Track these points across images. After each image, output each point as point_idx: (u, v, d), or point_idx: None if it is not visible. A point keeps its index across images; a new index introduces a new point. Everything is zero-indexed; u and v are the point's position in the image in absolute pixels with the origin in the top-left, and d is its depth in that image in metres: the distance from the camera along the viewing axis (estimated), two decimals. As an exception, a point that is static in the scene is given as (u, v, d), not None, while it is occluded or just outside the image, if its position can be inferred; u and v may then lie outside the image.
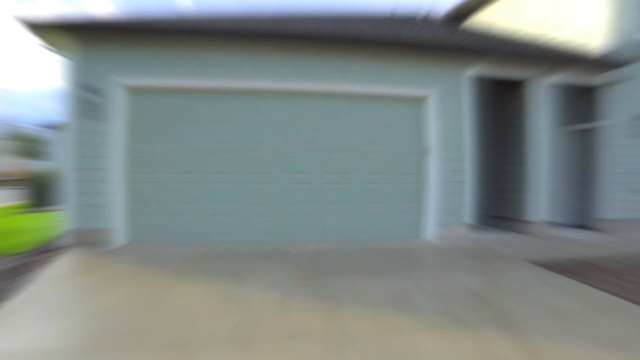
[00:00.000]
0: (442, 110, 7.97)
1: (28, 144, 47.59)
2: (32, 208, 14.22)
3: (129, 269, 5.83)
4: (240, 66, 7.23)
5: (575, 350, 3.43)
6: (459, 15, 13.48)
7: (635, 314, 4.25)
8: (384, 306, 4.49)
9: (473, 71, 8.14)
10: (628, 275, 5.80)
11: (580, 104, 9.38)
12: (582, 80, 8.78)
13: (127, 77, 6.80)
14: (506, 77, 8.52)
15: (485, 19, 12.55)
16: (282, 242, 7.36)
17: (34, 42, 6.74)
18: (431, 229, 7.96)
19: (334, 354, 3.30)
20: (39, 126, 40.55)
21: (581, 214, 9.52)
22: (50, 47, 6.91)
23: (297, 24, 8.25)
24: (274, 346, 3.44)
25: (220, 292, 4.92)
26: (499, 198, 9.62)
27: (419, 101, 8.00)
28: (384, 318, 4.12)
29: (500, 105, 9.59)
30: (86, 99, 6.59)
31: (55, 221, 10.73)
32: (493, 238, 8.30)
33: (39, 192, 14.58)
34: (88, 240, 6.64)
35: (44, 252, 6.90)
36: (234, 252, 6.75)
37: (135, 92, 6.97)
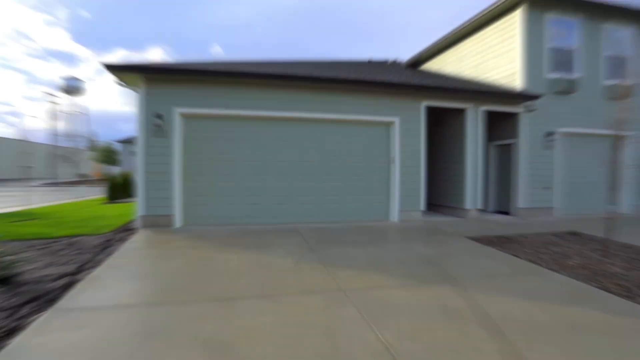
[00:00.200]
0: (404, 131, 8.08)
1: (104, 154, 47.31)
2: (110, 201, 14.15)
3: (185, 243, 5.72)
4: (261, 100, 7.25)
5: (499, 298, 3.47)
6: (417, 62, 13.56)
7: (545, 275, 4.25)
8: (366, 268, 4.47)
9: (426, 103, 8.26)
10: (539, 247, 5.80)
11: (504, 125, 9.41)
12: (505, 109, 8.85)
13: (182, 107, 6.82)
14: (450, 106, 8.60)
15: (435, 66, 12.58)
16: (294, 223, 7.44)
17: (113, 80, 6.76)
18: (396, 214, 8.07)
19: (334, 303, 3.29)
20: (113, 140, 40.58)
21: (502, 203, 9.58)
22: (124, 84, 6.92)
23: (301, 69, 8.27)
24: (290, 299, 3.44)
25: (251, 258, 4.87)
26: (443, 192, 9.65)
27: (388, 125, 8.11)
28: (367, 277, 4.11)
29: (445, 126, 9.60)
30: (154, 122, 6.63)
31: (128, 210, 10.64)
32: (439, 220, 8.38)
33: (115, 189, 14.49)
34: (155, 223, 6.69)
35: (122, 232, 6.88)
36: (260, 230, 6.76)
37: (188, 117, 6.99)
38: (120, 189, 14.82)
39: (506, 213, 9.29)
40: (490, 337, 2.66)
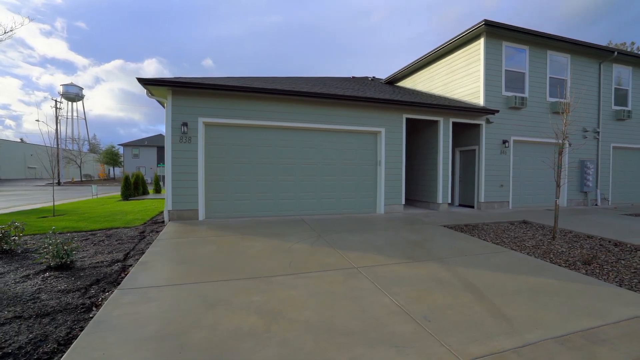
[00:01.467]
0: (388, 139, 8.45)
1: (107, 156, 45.94)
2: (124, 198, 13.88)
3: (212, 233, 5.78)
4: (271, 112, 7.41)
5: (477, 271, 3.86)
6: (394, 80, 14.01)
7: (509, 253, 4.67)
8: (368, 250, 4.75)
9: (407, 115, 8.65)
10: (500, 232, 6.31)
11: (468, 134, 9.95)
12: (470, 121, 9.35)
13: (205, 117, 6.88)
14: (426, 118, 9.02)
15: (409, 83, 13.03)
16: (299, 214, 7.67)
17: (146, 93, 6.73)
18: (382, 207, 8.44)
19: (351, 277, 3.56)
20: (115, 144, 39.68)
21: (466, 198, 10.11)
22: (153, 95, 6.93)
23: (303, 86, 8.49)
24: (315, 274, 3.67)
25: (272, 244, 5.04)
26: (419, 189, 10.06)
27: (375, 134, 8.46)
28: (371, 257, 4.39)
29: (421, 135, 10.01)
30: (180, 129, 6.67)
31: (146, 206, 10.56)
32: (417, 212, 8.78)
33: (128, 188, 14.19)
34: (181, 216, 6.74)
35: (151, 224, 6.89)
36: (271, 221, 6.92)
37: (210, 126, 7.07)
38: (132, 188, 14.57)
39: (470, 206, 9.84)
40: (476, 299, 3.04)
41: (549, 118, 10.05)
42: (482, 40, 9.22)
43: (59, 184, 31.82)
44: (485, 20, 8.81)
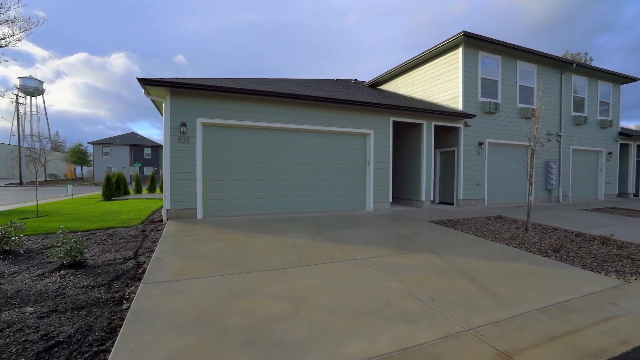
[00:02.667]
0: (377, 140, 8.89)
1: (74, 155, 43.73)
2: (106, 198, 13.43)
3: (214, 231, 5.86)
4: (266, 114, 7.56)
5: (464, 259, 4.35)
6: (376, 83, 14.50)
7: (490, 244, 5.21)
8: (367, 243, 5.10)
9: (393, 118, 9.12)
10: (480, 226, 6.90)
11: (447, 136, 10.60)
12: (450, 124, 9.98)
13: (202, 117, 6.92)
14: (410, 121, 9.54)
15: (391, 87, 13.58)
16: (294, 212, 7.89)
17: (144, 93, 6.66)
18: (371, 205, 8.86)
19: (357, 267, 3.89)
20: (83, 142, 37.88)
21: (446, 196, 10.77)
22: (150, 95, 6.83)
23: (297, 89, 8.69)
24: (324, 265, 3.96)
25: (275, 239, 5.23)
26: (404, 187, 10.59)
27: (365, 136, 8.86)
28: (370, 249, 4.75)
29: (406, 137, 10.53)
30: (179, 129, 6.68)
31: (135, 206, 10.37)
32: (403, 209, 9.28)
33: (110, 188, 13.72)
34: (179, 215, 6.77)
35: (149, 223, 6.87)
36: (269, 219, 7.09)
37: (207, 126, 7.11)
38: (114, 188, 14.10)
39: (449, 203, 10.51)
40: (469, 281, 3.49)
41: (519, 122, 10.97)
42: (460, 50, 9.90)
43: (20, 184, 29.72)
44: (464, 31, 9.48)
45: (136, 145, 46.75)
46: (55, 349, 2.21)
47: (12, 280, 3.49)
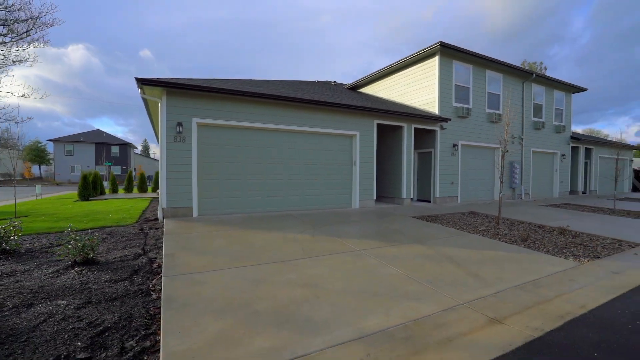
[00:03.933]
0: (362, 142, 9.34)
1: (32, 153, 40.84)
2: (82, 198, 12.89)
3: (213, 228, 5.90)
4: (258, 114, 7.72)
5: (449, 248, 4.89)
6: (356, 86, 15.00)
7: (468, 236, 5.80)
8: (361, 237, 5.50)
9: (377, 121, 9.63)
10: (457, 220, 7.53)
11: (425, 138, 11.29)
12: (427, 127, 10.67)
13: (198, 118, 6.97)
14: (393, 124, 10.09)
15: (370, 90, 14.09)
16: (287, 210, 8.13)
17: (140, 94, 6.63)
18: (357, 202, 9.30)
19: (358, 257, 4.25)
20: (42, 139, 35.47)
21: (424, 194, 11.46)
22: (145, 94, 6.78)
23: (287, 91, 8.92)
24: (328, 256, 4.28)
25: (275, 235, 5.46)
26: (386, 186, 11.12)
27: (352, 137, 9.29)
28: (366, 242, 5.14)
29: (389, 138, 11.04)
30: (175, 129, 6.70)
31: (120, 206, 10.14)
32: (386, 206, 9.81)
33: (86, 188, 13.16)
34: (175, 214, 6.77)
35: (145, 222, 6.85)
36: (263, 216, 7.27)
37: (203, 126, 7.17)
38: (91, 188, 13.51)
39: (427, 201, 11.21)
40: (456, 266, 4.01)
41: (487, 126, 11.95)
42: (437, 58, 10.63)
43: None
44: (440, 41, 10.21)
45: (103, 144, 44.20)
46: (106, 334, 2.40)
47: (28, 278, 3.52)
